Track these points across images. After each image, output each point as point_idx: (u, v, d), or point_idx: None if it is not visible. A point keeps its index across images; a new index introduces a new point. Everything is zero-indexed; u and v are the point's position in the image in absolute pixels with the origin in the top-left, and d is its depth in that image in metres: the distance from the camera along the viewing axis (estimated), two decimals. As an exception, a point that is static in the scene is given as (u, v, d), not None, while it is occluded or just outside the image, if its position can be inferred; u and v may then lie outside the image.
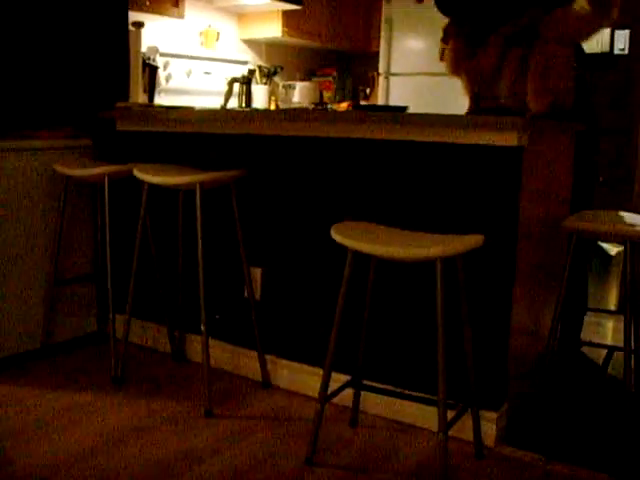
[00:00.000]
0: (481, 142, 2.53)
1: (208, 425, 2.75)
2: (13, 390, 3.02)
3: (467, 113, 3.14)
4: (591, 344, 3.60)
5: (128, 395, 3.00)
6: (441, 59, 3.20)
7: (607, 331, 4.01)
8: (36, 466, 2.40)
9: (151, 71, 4.73)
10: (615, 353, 3.54)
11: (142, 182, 3.01)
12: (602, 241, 3.79)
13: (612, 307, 4.29)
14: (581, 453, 2.58)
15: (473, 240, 2.27)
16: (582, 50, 3.23)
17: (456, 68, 3.07)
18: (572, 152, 3.23)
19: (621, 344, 2.70)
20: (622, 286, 4.22)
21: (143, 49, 4.61)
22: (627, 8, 3.75)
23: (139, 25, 4.29)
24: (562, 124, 2.87)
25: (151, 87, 4.73)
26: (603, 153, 3.66)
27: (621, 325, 2.95)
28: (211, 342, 3.11)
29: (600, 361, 3.51)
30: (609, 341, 3.85)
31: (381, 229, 2.49)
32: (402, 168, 2.73)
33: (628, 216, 2.94)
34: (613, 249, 4.29)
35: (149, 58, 4.76)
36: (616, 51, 4.02)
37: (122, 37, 3.76)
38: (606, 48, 3.97)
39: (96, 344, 3.60)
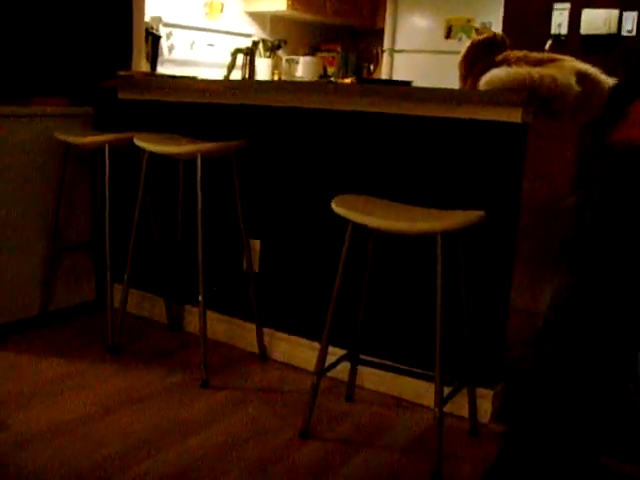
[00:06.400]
0: (485, 118, 2.50)
1: (204, 396, 2.75)
2: (10, 357, 3.01)
3: None
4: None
5: (124, 364, 3.00)
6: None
7: None
8: (30, 432, 2.40)
9: (154, 41, 4.68)
10: None
11: (142, 151, 2.99)
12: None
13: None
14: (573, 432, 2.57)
15: (474, 216, 2.25)
16: None
17: None
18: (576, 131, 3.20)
19: None
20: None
21: (146, 19, 4.56)
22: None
23: (142, -7, 4.23)
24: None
25: (154, 57, 4.69)
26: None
27: None
28: (208, 313, 3.10)
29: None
30: None
31: (382, 203, 2.48)
32: (406, 142, 2.71)
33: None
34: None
35: (152, 28, 4.71)
36: (624, 32, 3.97)
37: (125, 5, 3.72)
38: (614, 29, 3.91)
39: (93, 313, 3.59)
